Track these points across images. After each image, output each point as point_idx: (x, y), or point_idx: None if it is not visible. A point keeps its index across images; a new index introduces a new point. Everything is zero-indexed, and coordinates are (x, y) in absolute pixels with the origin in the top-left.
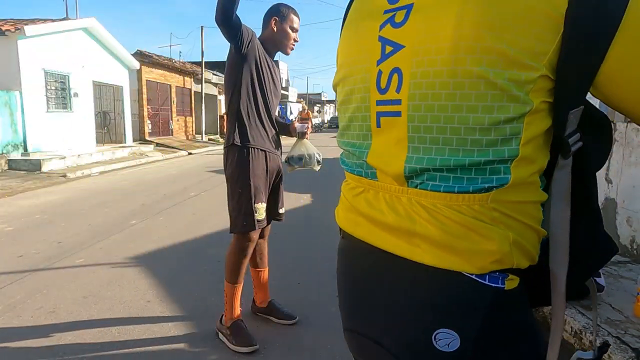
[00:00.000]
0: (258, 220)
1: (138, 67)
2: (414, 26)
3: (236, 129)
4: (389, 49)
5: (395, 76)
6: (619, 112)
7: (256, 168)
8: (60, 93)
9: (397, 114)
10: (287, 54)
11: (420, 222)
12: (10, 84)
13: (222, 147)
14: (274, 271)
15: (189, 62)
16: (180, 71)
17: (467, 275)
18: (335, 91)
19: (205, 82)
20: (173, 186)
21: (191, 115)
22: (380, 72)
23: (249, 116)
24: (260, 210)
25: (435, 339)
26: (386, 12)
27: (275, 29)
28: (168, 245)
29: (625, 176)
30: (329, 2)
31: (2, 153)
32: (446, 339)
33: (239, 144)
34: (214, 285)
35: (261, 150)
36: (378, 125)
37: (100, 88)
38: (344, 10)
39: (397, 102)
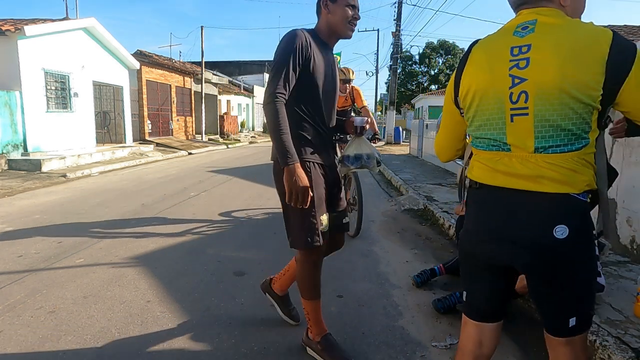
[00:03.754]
0: (322, 232)
1: (138, 67)
2: (532, 69)
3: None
4: (517, 81)
5: (523, 95)
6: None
7: (316, 178)
8: (60, 93)
9: (526, 114)
10: (348, 36)
11: (545, 171)
12: (10, 84)
13: (221, 147)
14: (276, 271)
15: (189, 62)
16: (180, 71)
17: (572, 194)
18: (461, 102)
19: (205, 82)
20: (173, 186)
21: (191, 115)
22: (511, 93)
23: (302, 126)
24: (325, 221)
25: (555, 231)
26: (511, 60)
27: (329, 13)
28: (168, 245)
29: (625, 176)
30: None
31: (2, 153)
32: (561, 231)
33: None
34: (214, 285)
35: (318, 163)
36: (511, 121)
37: (100, 88)
38: (467, 51)
39: (525, 108)
